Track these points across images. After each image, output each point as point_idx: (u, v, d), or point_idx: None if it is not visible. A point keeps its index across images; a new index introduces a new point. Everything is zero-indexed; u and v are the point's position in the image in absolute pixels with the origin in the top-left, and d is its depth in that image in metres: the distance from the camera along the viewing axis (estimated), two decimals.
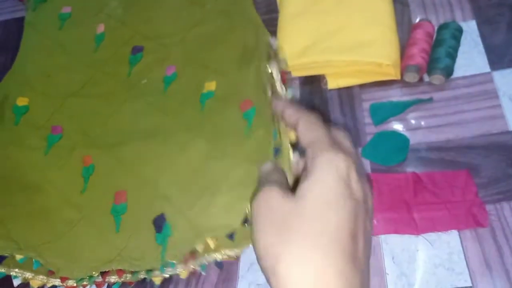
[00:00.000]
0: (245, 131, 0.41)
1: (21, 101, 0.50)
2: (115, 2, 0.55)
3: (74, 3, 0.57)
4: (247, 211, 0.37)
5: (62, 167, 0.45)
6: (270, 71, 0.42)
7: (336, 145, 0.27)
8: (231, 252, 0.37)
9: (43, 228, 0.42)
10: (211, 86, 0.45)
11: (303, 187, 0.25)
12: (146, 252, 0.39)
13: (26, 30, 0.57)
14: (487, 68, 0.42)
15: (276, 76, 0.42)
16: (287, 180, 0.29)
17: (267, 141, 0.39)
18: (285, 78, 0.44)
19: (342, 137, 0.29)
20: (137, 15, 0.53)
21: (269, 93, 0.40)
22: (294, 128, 0.30)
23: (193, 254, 0.37)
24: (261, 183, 0.27)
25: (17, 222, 0.43)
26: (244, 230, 0.37)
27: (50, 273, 0.40)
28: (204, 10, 0.51)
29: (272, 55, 0.44)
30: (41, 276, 0.40)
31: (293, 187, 0.27)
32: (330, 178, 0.24)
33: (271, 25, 0.49)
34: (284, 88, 0.41)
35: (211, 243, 0.37)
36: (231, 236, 0.37)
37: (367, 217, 0.25)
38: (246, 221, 0.37)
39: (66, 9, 0.57)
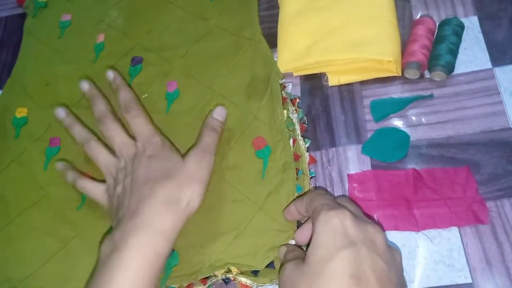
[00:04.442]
0: (262, 173, 0.40)
1: (20, 113, 0.50)
2: (116, 12, 0.55)
3: (75, 10, 0.56)
4: (275, 256, 0.36)
5: (60, 183, 0.44)
6: (287, 116, 0.41)
7: (333, 205, 0.30)
8: (250, 283, 0.36)
9: (32, 251, 0.41)
10: None
11: (308, 252, 0.29)
12: None
13: (25, 38, 0.56)
14: (488, 65, 0.41)
15: (297, 125, 0.41)
16: (302, 252, 0.33)
17: (288, 187, 0.38)
18: (295, 102, 0.43)
19: (344, 200, 0.33)
20: (138, 26, 0.52)
21: (290, 140, 0.40)
22: (307, 211, 0.34)
23: (204, 280, 0.37)
24: (283, 261, 0.33)
25: (5, 251, 0.42)
26: (268, 270, 0.36)
27: None
28: (209, 25, 0.50)
29: (287, 97, 0.43)
30: None
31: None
32: (325, 237, 0.29)
33: (272, 21, 0.49)
34: (303, 139, 0.41)
35: (234, 271, 0.36)
36: (254, 272, 0.36)
37: (375, 254, 0.28)
38: (270, 265, 0.36)
39: (66, 17, 0.56)
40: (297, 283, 0.28)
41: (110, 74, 0.46)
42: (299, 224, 0.37)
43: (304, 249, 0.35)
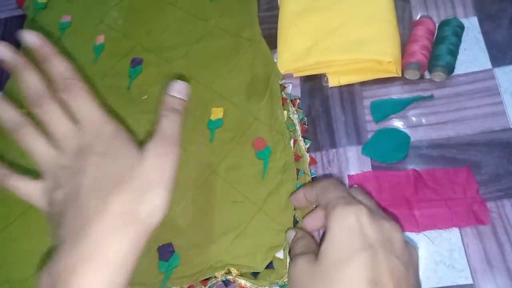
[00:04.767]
0: (263, 174, 0.40)
1: None
2: (116, 12, 0.55)
3: (74, 11, 0.56)
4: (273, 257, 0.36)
5: None
6: (287, 117, 0.41)
7: (349, 200, 0.29)
8: (250, 285, 0.36)
9: (32, 252, 0.41)
10: (218, 113, 0.44)
11: (321, 250, 0.28)
12: (145, 277, 0.37)
13: None
14: (488, 65, 0.41)
15: (297, 126, 0.41)
16: (313, 243, 0.32)
17: (288, 187, 0.38)
18: (295, 103, 0.43)
19: (358, 193, 0.31)
20: (138, 26, 0.52)
21: (291, 140, 0.40)
22: (317, 200, 0.33)
23: (204, 281, 0.37)
24: (292, 253, 0.31)
25: (7, 252, 0.42)
26: (268, 272, 0.36)
27: None
28: (208, 26, 0.50)
29: (287, 97, 0.43)
30: None
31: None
32: (341, 235, 0.27)
33: (272, 22, 0.49)
34: (303, 140, 0.41)
35: (234, 272, 0.36)
36: (254, 274, 0.36)
37: (392, 255, 0.27)
38: (270, 266, 0.36)
39: (66, 18, 0.56)
40: (309, 285, 0.27)
41: (32, 37, 0.32)
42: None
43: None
